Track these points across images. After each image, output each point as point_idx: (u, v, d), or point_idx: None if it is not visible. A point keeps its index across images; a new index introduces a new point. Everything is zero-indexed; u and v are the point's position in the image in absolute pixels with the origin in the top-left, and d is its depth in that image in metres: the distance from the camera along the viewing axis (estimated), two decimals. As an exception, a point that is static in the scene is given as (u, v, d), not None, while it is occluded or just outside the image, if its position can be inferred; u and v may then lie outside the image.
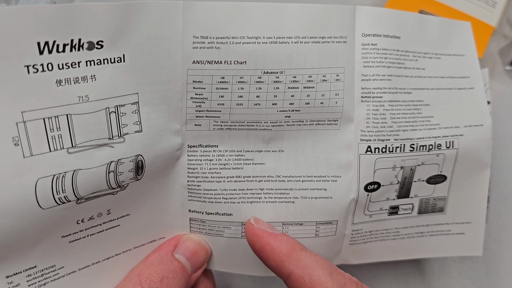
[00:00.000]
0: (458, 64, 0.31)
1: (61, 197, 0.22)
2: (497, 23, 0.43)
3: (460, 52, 0.32)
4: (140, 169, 0.25)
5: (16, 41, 0.20)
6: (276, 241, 0.25)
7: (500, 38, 0.46)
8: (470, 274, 0.38)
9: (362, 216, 0.30)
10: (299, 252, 0.24)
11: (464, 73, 0.31)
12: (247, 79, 0.26)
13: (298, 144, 0.29)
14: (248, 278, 0.37)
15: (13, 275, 0.23)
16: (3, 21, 0.20)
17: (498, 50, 0.46)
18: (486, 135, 0.31)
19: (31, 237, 0.22)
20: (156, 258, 0.27)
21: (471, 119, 0.31)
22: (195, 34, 0.26)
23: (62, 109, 0.22)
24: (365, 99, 0.29)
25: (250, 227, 0.26)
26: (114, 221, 0.26)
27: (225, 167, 0.28)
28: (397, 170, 0.29)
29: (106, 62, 0.23)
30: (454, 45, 0.32)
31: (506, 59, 0.45)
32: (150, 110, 0.25)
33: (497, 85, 0.45)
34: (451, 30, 0.32)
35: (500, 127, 0.43)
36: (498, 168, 0.41)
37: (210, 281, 0.31)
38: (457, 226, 0.32)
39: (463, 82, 0.31)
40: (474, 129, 0.30)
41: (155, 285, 0.25)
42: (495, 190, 0.41)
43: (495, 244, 0.39)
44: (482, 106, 0.31)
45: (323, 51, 0.27)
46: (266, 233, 0.25)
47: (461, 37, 0.32)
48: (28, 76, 0.21)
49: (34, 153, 0.21)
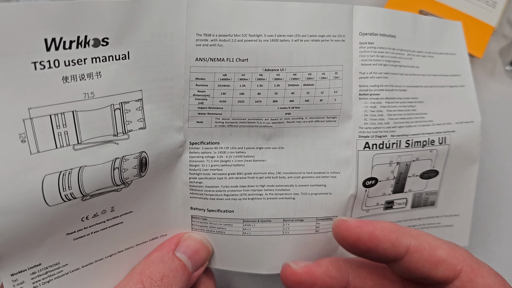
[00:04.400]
0: (450, 63, 0.32)
1: (67, 194, 0.22)
2: (497, 23, 0.43)
3: (452, 51, 0.33)
4: (144, 166, 0.25)
5: (23, 38, 0.20)
6: (379, 223, 0.24)
7: (500, 38, 0.46)
8: None
9: (360, 211, 0.31)
10: (402, 227, 0.24)
11: (455, 71, 0.32)
12: (248, 76, 0.27)
13: (298, 141, 0.29)
14: (248, 278, 0.37)
15: (18, 273, 0.23)
16: (11, 18, 0.20)
17: (498, 50, 0.46)
18: (476, 132, 0.32)
19: (37, 235, 0.22)
20: (158, 256, 0.27)
21: (462, 116, 0.32)
22: (198, 32, 0.26)
23: (68, 105, 0.22)
24: (362, 96, 0.29)
25: (345, 223, 0.24)
26: (118, 218, 0.26)
27: (227, 164, 0.28)
28: (393, 165, 0.30)
29: (111, 59, 0.23)
30: (446, 44, 0.32)
31: (506, 59, 0.45)
32: (153, 107, 0.25)
33: (497, 85, 0.45)
34: (443, 30, 0.32)
35: (500, 127, 0.43)
36: (497, 168, 0.42)
37: (211, 280, 0.31)
38: (446, 218, 0.33)
39: (455, 80, 0.32)
40: (465, 126, 0.31)
41: (156, 284, 0.25)
42: (495, 190, 0.41)
43: (495, 244, 0.39)
44: (472, 103, 0.32)
45: (322, 49, 0.28)
46: (365, 221, 0.24)
47: (452, 36, 0.33)
48: (35, 72, 0.21)
49: (41, 150, 0.21)
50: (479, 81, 0.45)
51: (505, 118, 0.44)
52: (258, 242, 0.29)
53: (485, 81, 0.45)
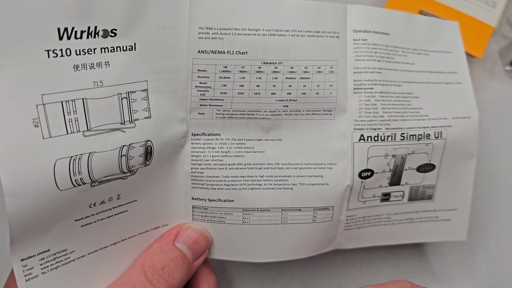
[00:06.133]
0: (446, 61, 0.33)
1: (77, 179, 0.23)
2: (497, 23, 0.44)
3: (448, 49, 0.34)
4: (149, 154, 0.26)
5: (38, 26, 0.21)
6: None
7: (500, 38, 0.46)
8: (470, 274, 0.38)
9: (356, 203, 0.32)
10: None
11: (452, 68, 0.33)
12: (248, 68, 0.28)
13: (296, 133, 0.30)
14: (248, 279, 0.37)
15: (28, 258, 0.23)
16: (27, 7, 0.21)
17: (498, 50, 0.46)
18: (473, 127, 0.32)
19: (47, 220, 0.23)
20: (158, 247, 0.28)
21: (459, 112, 0.32)
22: (201, 25, 0.27)
23: (78, 93, 0.23)
24: (357, 90, 0.30)
25: None
26: (123, 206, 0.27)
27: (227, 155, 0.30)
28: (389, 158, 0.31)
29: (119, 49, 0.24)
30: (442, 43, 0.33)
31: (506, 59, 0.45)
32: (158, 98, 0.26)
33: (497, 85, 0.45)
34: (439, 29, 0.34)
35: (500, 127, 0.44)
36: (497, 168, 0.42)
37: (210, 270, 0.31)
38: (444, 212, 0.34)
39: (451, 77, 0.33)
40: (462, 121, 0.32)
41: (158, 273, 0.26)
42: (494, 190, 0.41)
43: (495, 244, 0.39)
44: (469, 100, 0.33)
45: (317, 45, 0.29)
46: None
47: (448, 35, 0.34)
48: (48, 60, 0.22)
49: (53, 135, 0.22)
50: (479, 81, 0.45)
51: (504, 117, 0.44)
52: (257, 231, 0.30)
53: (485, 81, 0.45)
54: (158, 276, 0.26)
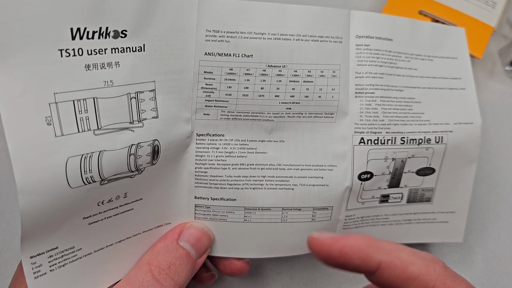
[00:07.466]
0: (450, 66, 0.34)
1: (88, 177, 0.23)
2: (496, 23, 0.44)
3: (453, 55, 0.34)
4: (156, 153, 0.27)
5: (52, 26, 0.21)
6: (350, 240, 0.23)
7: (500, 38, 0.46)
8: (470, 274, 0.38)
9: (355, 203, 0.32)
10: (376, 241, 0.23)
11: (456, 74, 0.34)
12: (253, 71, 0.29)
13: (298, 135, 0.31)
14: (248, 279, 0.37)
15: (37, 256, 0.23)
16: (41, 6, 0.21)
17: (498, 50, 0.46)
18: (475, 133, 0.33)
19: (57, 217, 0.23)
20: (163, 247, 0.28)
21: (461, 117, 0.33)
22: (208, 28, 0.28)
23: (89, 92, 0.23)
24: (358, 94, 0.31)
25: (315, 241, 0.24)
26: (129, 204, 0.27)
27: (230, 155, 0.30)
28: (388, 161, 0.32)
29: (129, 50, 0.25)
30: (446, 49, 0.34)
31: (506, 59, 0.45)
32: (165, 98, 0.27)
33: (497, 85, 0.45)
34: (444, 35, 0.34)
35: (500, 127, 0.44)
36: (497, 168, 0.42)
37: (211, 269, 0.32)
38: (442, 215, 0.34)
39: (455, 83, 0.33)
40: (464, 127, 0.33)
41: (165, 272, 0.26)
42: (494, 190, 0.41)
43: (495, 244, 0.39)
44: (472, 105, 0.33)
45: (321, 49, 0.30)
46: (335, 238, 0.24)
47: (454, 41, 0.34)
48: (61, 59, 0.22)
49: (65, 133, 0.23)
50: (479, 81, 0.45)
51: (504, 117, 0.44)
52: (258, 228, 0.31)
53: (485, 81, 0.45)
54: (165, 275, 0.26)
